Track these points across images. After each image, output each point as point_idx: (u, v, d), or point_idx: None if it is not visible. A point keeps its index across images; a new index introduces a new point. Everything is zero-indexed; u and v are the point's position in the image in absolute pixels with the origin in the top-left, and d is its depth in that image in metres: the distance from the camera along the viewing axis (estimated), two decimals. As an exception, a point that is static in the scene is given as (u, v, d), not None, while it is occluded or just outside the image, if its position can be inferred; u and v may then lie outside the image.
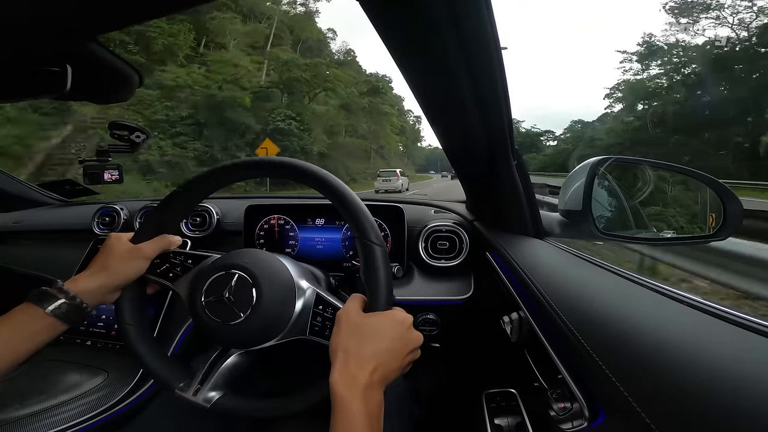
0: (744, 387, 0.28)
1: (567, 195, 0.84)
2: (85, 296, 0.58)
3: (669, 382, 0.32)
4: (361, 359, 0.48)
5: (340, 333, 0.51)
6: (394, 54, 0.50)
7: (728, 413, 0.27)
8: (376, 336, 0.50)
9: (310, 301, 0.60)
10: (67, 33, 0.48)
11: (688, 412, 0.29)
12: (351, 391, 0.45)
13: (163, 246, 0.64)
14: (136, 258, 0.61)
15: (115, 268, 0.60)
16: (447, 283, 1.05)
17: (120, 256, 0.61)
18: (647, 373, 0.35)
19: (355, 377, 0.46)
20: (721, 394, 0.28)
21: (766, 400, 0.27)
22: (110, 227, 1.30)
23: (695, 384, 0.30)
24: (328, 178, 0.61)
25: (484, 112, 0.66)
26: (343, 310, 0.53)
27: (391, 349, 0.51)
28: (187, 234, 1.22)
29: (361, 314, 0.52)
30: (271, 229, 1.14)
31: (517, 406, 0.80)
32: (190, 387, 0.58)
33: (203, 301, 0.56)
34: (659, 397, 0.32)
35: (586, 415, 0.43)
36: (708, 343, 0.36)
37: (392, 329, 0.52)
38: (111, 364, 0.94)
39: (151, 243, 0.63)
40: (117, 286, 0.61)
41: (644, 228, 0.81)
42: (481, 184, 0.99)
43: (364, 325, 0.51)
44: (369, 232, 0.57)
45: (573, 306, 0.51)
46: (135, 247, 0.62)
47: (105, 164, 1.18)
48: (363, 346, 0.49)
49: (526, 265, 0.70)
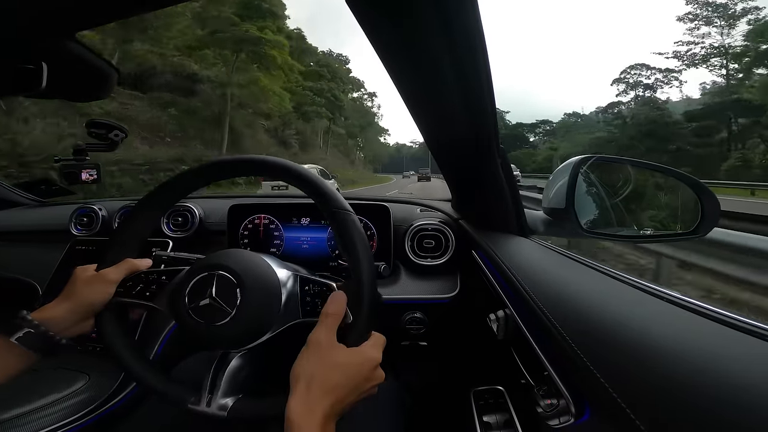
0: (727, 383, 0.29)
1: (551, 193, 0.85)
2: (52, 325, 0.56)
3: (653, 378, 0.33)
4: (324, 391, 0.47)
5: (306, 359, 0.50)
6: (378, 50, 0.50)
7: (712, 409, 0.27)
8: (344, 372, 0.50)
9: (295, 286, 0.60)
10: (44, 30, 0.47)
11: (672, 408, 0.30)
12: (309, 423, 0.45)
13: (127, 269, 0.63)
14: (99, 283, 0.61)
15: (79, 295, 0.60)
16: (433, 281, 1.05)
17: (83, 283, 0.60)
18: (631, 370, 0.35)
19: (314, 409, 0.46)
20: (704, 390, 0.29)
21: (748, 396, 0.27)
22: (88, 228, 1.27)
23: (678, 380, 0.31)
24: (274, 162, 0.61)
25: (469, 111, 0.66)
26: (315, 335, 0.52)
27: (354, 386, 0.50)
28: (168, 234, 1.19)
29: (333, 346, 0.51)
30: (256, 229, 1.13)
31: (505, 403, 0.80)
32: (202, 399, 0.56)
33: (187, 305, 0.54)
34: (643, 393, 0.33)
35: (573, 412, 0.43)
36: (690, 339, 0.37)
37: (360, 367, 0.51)
38: (92, 367, 0.92)
39: (115, 268, 0.62)
40: (85, 313, 0.60)
41: (626, 226, 0.83)
42: (467, 182, 0.99)
43: (334, 360, 0.50)
44: (338, 200, 0.58)
45: (557, 303, 0.52)
46: (98, 273, 0.62)
47: (82, 163, 1.15)
48: (328, 378, 0.48)
49: (511, 263, 0.70)
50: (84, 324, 0.61)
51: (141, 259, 0.66)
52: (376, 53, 0.51)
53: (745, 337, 0.35)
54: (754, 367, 0.31)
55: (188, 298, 0.55)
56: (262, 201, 1.18)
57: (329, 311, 0.53)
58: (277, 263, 0.61)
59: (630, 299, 0.50)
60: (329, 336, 0.52)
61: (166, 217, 1.21)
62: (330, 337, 0.52)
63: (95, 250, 1.19)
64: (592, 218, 0.83)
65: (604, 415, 0.38)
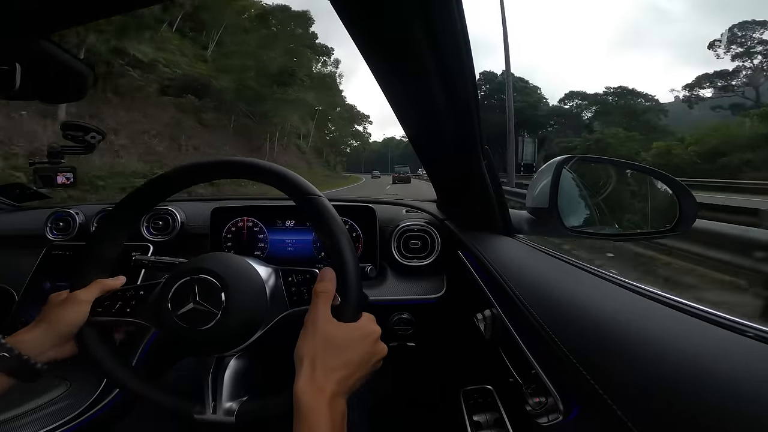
0: (712, 379, 0.29)
1: (534, 193, 0.86)
2: (27, 349, 0.55)
3: (639, 375, 0.33)
4: (328, 369, 0.47)
5: (306, 339, 0.50)
6: (359, 44, 0.50)
7: (697, 405, 0.28)
8: (346, 347, 0.50)
9: (278, 279, 0.59)
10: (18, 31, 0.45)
11: (657, 404, 0.30)
12: (317, 401, 0.44)
13: (100, 289, 0.61)
14: (71, 304, 0.59)
15: (52, 317, 0.58)
16: (420, 282, 1.05)
17: (56, 306, 0.59)
18: (617, 367, 0.36)
19: (322, 387, 0.45)
20: (689, 387, 0.30)
21: (732, 393, 0.28)
22: (65, 233, 1.23)
23: (663, 377, 0.31)
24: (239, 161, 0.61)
25: (454, 113, 0.67)
26: (311, 315, 0.52)
27: (359, 361, 0.50)
28: (148, 238, 1.17)
29: (330, 322, 0.51)
30: (239, 232, 1.11)
31: (495, 402, 0.81)
32: (206, 406, 0.55)
33: (171, 312, 0.53)
34: (630, 390, 0.33)
35: (561, 409, 0.43)
36: (674, 337, 0.37)
37: (361, 341, 0.51)
38: (72, 374, 0.89)
39: (86, 289, 0.61)
40: (60, 335, 0.58)
41: (608, 224, 0.85)
42: (452, 182, 1.00)
43: (333, 335, 0.50)
44: (306, 186, 0.58)
45: (543, 302, 0.52)
46: (70, 294, 0.60)
47: (58, 167, 1.12)
48: (331, 356, 0.48)
49: (496, 263, 0.71)
50: (62, 348, 0.59)
51: (113, 278, 0.64)
52: (358, 48, 0.50)
53: (730, 334, 0.36)
54: (737, 364, 0.31)
55: (171, 305, 0.53)
56: (245, 204, 1.16)
57: (320, 289, 0.53)
58: (257, 262, 0.61)
59: (615, 297, 0.51)
60: (325, 313, 0.51)
61: (146, 221, 1.19)
62: (326, 314, 0.51)
63: (72, 255, 1.15)
64: (575, 217, 0.85)
65: (592, 412, 0.38)
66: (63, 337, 0.58)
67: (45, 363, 0.57)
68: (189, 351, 0.67)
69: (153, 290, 0.60)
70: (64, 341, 0.59)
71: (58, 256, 1.16)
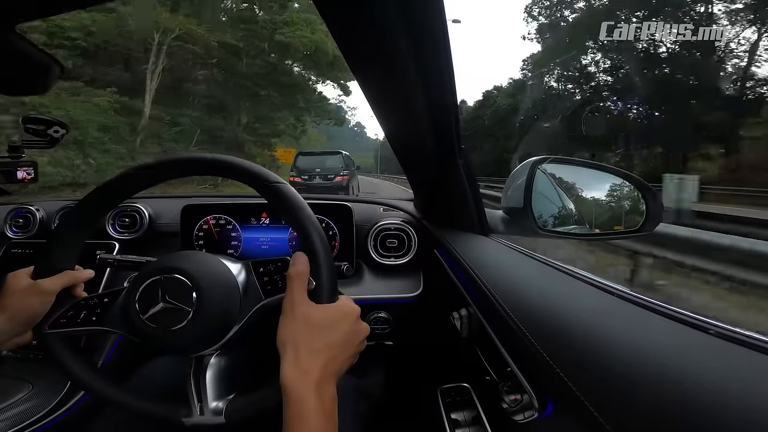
0: (677, 375, 0.31)
1: (509, 193, 0.87)
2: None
3: (611, 373, 0.34)
4: (312, 352, 0.46)
5: (286, 324, 0.49)
6: (337, 39, 0.49)
7: (662, 400, 0.29)
8: (327, 329, 0.49)
9: (250, 272, 0.58)
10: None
11: (629, 401, 0.31)
12: (304, 386, 0.43)
13: (68, 281, 0.59)
14: (36, 295, 0.56)
15: (13, 307, 0.55)
16: (397, 280, 1.05)
17: (19, 294, 0.56)
18: (590, 364, 0.37)
19: (308, 371, 0.44)
20: (655, 382, 0.31)
21: (695, 388, 0.29)
22: (25, 230, 1.18)
23: (632, 372, 0.33)
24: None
25: (432, 113, 0.67)
26: (288, 299, 0.50)
27: (342, 341, 0.49)
28: (114, 236, 1.12)
29: (308, 304, 0.50)
30: (211, 230, 1.08)
31: (472, 400, 0.82)
32: (193, 409, 0.53)
33: (140, 314, 0.51)
34: (602, 387, 0.34)
35: (536, 406, 0.44)
36: (642, 333, 0.39)
37: (342, 321, 0.51)
38: (34, 375, 0.86)
39: (54, 278, 0.57)
40: (23, 324, 0.56)
41: (580, 224, 0.87)
42: (429, 183, 1.00)
43: (312, 317, 0.49)
44: (268, 175, 0.56)
45: (518, 301, 0.53)
46: (34, 283, 0.56)
47: (18, 161, 1.06)
48: (313, 339, 0.47)
49: (472, 262, 0.71)
50: (24, 336, 0.57)
51: (83, 271, 0.61)
52: (337, 44, 0.50)
53: (693, 332, 0.37)
54: (700, 359, 0.33)
55: (140, 306, 0.51)
56: (218, 201, 1.13)
57: (293, 273, 0.51)
58: (228, 259, 0.59)
59: (587, 296, 0.52)
60: (302, 296, 0.50)
61: (111, 218, 1.14)
62: (303, 297, 0.50)
63: (32, 253, 1.10)
64: (547, 217, 0.87)
65: (566, 408, 0.39)
66: (26, 326, 0.56)
67: (9, 350, 0.54)
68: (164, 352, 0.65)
69: (118, 296, 0.57)
70: (27, 329, 0.57)
71: (17, 254, 1.11)
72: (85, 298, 0.59)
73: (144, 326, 0.51)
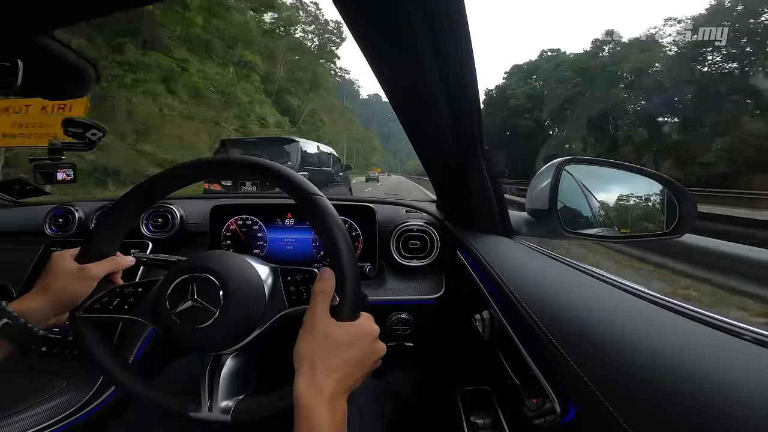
0: (709, 382, 0.30)
1: (533, 194, 0.86)
2: (31, 317, 0.55)
3: (635, 377, 0.33)
4: (329, 368, 0.47)
5: (305, 339, 0.50)
6: (361, 46, 0.49)
7: (693, 408, 0.28)
8: (345, 346, 0.50)
9: (277, 279, 0.59)
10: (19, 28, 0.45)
11: (654, 406, 0.30)
12: (317, 401, 0.44)
13: (112, 267, 0.61)
14: (81, 279, 0.58)
15: (58, 288, 0.57)
16: (419, 282, 1.05)
17: (63, 277, 0.58)
18: (614, 369, 0.36)
19: (322, 386, 0.46)
20: (684, 388, 0.30)
21: (729, 396, 0.28)
22: (64, 229, 1.24)
23: (660, 378, 0.32)
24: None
25: (454, 114, 0.67)
26: (310, 313, 0.52)
27: (359, 360, 0.50)
28: (147, 235, 1.17)
29: (329, 321, 0.51)
30: (238, 230, 1.11)
31: (492, 403, 0.81)
32: (202, 405, 0.55)
33: (169, 309, 0.53)
34: (626, 392, 0.33)
35: (558, 411, 0.43)
36: (670, 338, 0.37)
37: (360, 340, 0.51)
38: (69, 371, 0.90)
39: (100, 264, 0.60)
40: (64, 306, 0.58)
41: (607, 226, 0.85)
42: (452, 184, 1.00)
43: (332, 334, 0.50)
44: (307, 185, 0.58)
45: (541, 303, 0.52)
46: (80, 267, 0.59)
47: (58, 163, 1.12)
48: (331, 356, 0.48)
49: (495, 264, 0.71)
50: (61, 316, 0.60)
51: (125, 257, 0.65)
52: (360, 50, 0.50)
53: (727, 337, 0.36)
54: (734, 366, 0.31)
55: (169, 302, 0.53)
56: (245, 201, 1.16)
57: (318, 289, 0.53)
58: (256, 261, 0.61)
59: (612, 299, 0.51)
60: (323, 313, 0.51)
61: (145, 219, 1.19)
62: (324, 314, 0.51)
63: None
64: (573, 219, 0.85)
65: (589, 413, 0.38)
66: (66, 307, 0.59)
67: (44, 329, 0.57)
68: (186, 349, 0.67)
69: (151, 288, 0.59)
70: (66, 311, 0.59)
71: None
72: (120, 286, 0.61)
73: (171, 321, 0.53)
